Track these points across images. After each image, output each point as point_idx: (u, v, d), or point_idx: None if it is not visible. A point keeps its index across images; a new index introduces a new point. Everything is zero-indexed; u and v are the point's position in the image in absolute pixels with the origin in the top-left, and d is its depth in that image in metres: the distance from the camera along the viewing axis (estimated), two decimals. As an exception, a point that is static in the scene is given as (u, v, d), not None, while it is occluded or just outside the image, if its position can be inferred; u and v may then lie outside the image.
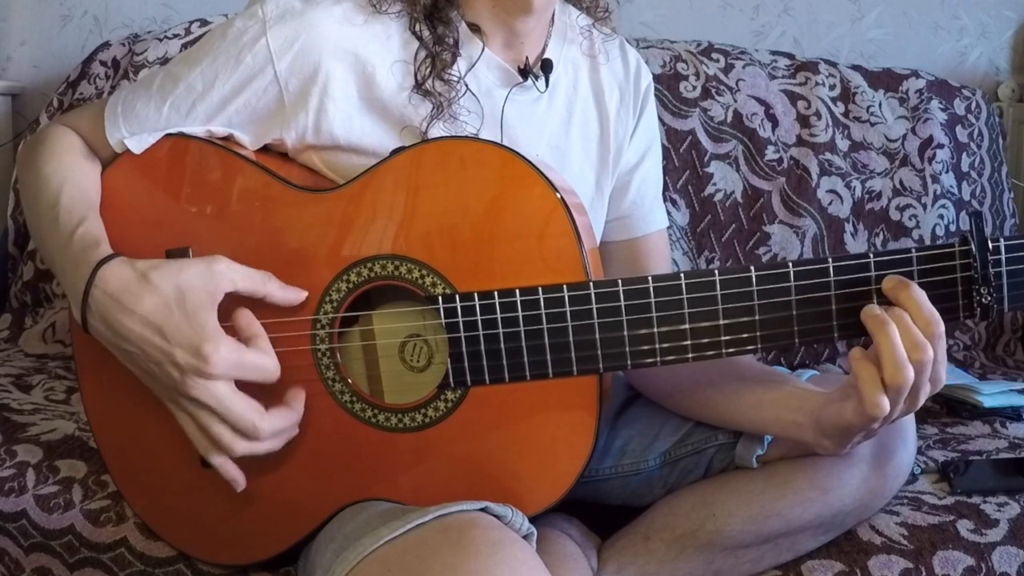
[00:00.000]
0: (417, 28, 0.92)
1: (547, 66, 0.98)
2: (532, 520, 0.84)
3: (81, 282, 0.83)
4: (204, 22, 1.73)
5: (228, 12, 1.75)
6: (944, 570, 0.94)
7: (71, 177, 0.91)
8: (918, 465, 1.12)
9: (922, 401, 0.78)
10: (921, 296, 0.77)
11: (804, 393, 0.90)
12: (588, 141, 1.03)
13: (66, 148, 0.93)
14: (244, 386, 0.82)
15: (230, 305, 0.84)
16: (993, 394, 1.36)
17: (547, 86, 0.98)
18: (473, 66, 0.94)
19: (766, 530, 0.94)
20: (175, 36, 1.70)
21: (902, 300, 0.77)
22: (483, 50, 0.94)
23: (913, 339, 0.76)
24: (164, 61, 1.65)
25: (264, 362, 0.83)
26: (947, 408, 1.40)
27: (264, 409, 0.83)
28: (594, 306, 0.81)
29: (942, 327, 0.76)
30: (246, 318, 0.84)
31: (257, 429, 0.82)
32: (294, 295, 0.86)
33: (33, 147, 0.96)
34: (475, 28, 0.94)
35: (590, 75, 1.04)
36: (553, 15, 1.00)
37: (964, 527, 0.98)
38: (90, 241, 0.85)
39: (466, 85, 0.93)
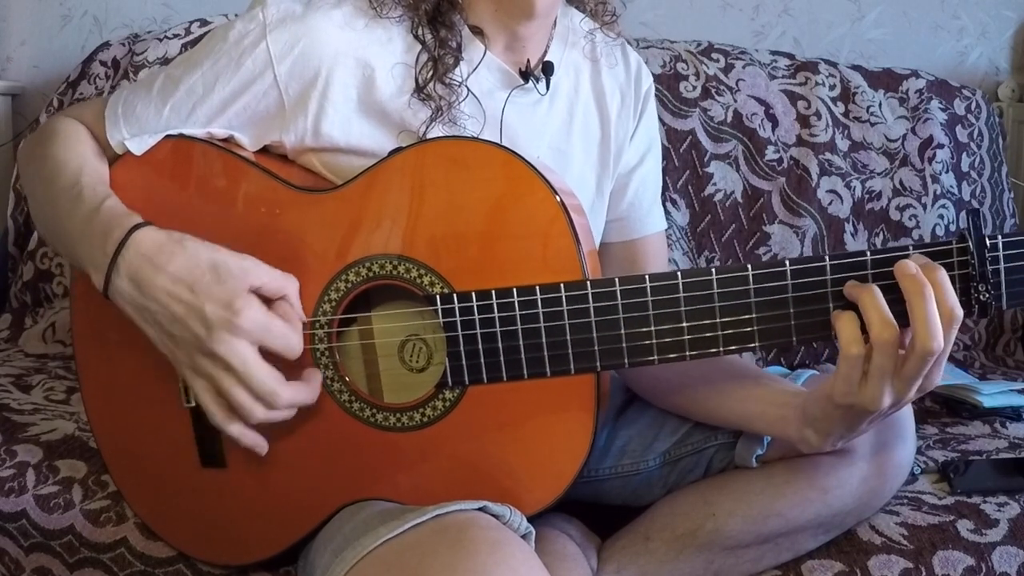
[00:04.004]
0: (419, 32, 0.92)
1: (548, 69, 0.98)
2: (531, 520, 0.84)
3: (112, 245, 0.82)
4: (204, 22, 1.73)
5: (228, 12, 1.75)
6: (944, 570, 0.94)
7: (90, 161, 0.91)
8: (918, 465, 1.12)
9: (926, 382, 0.77)
10: (947, 281, 0.75)
11: (793, 390, 0.91)
12: (589, 143, 1.03)
13: (80, 139, 0.94)
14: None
15: None
16: (993, 394, 1.36)
17: (548, 88, 0.98)
18: (475, 69, 0.94)
19: (766, 530, 0.94)
20: (175, 36, 1.70)
21: (932, 281, 0.75)
22: (485, 53, 0.94)
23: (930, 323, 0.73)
24: (164, 61, 1.65)
25: (289, 332, 0.82)
26: (947, 408, 1.40)
27: (285, 379, 0.82)
28: (591, 305, 0.81)
29: (960, 312, 0.75)
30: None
31: (276, 396, 0.81)
32: (300, 310, 0.86)
33: (40, 138, 0.96)
34: (477, 31, 0.94)
35: (591, 78, 1.04)
36: (555, 18, 1.00)
37: (964, 527, 0.98)
38: (120, 211, 0.85)
39: (468, 88, 0.93)
